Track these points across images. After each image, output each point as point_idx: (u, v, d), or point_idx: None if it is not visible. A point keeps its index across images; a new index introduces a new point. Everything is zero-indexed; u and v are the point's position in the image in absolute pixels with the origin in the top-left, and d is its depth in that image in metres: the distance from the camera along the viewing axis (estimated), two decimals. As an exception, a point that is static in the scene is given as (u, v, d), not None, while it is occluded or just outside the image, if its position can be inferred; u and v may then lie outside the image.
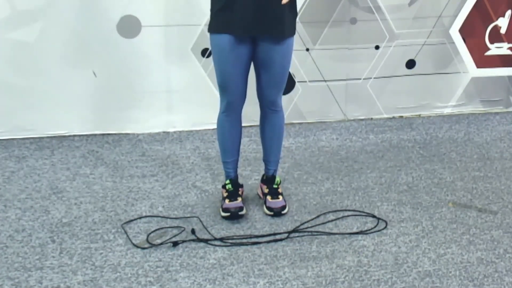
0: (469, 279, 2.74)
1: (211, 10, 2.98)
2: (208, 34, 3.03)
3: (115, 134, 4.13)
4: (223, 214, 3.15)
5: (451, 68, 4.49)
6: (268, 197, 3.24)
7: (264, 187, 3.30)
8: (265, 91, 3.06)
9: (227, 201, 3.17)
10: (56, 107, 4.03)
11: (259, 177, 3.56)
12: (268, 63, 2.97)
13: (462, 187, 3.55)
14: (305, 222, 3.14)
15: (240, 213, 3.12)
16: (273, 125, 3.18)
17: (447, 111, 4.59)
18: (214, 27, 2.96)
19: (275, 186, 3.27)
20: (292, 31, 2.97)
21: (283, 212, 3.20)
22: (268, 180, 3.29)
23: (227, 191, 3.22)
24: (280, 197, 3.24)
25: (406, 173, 3.70)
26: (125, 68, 4.04)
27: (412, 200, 3.39)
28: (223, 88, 3.03)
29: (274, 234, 3.03)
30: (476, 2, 4.33)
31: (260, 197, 3.36)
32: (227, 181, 3.23)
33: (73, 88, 4.02)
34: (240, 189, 3.27)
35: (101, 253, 2.87)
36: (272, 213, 3.19)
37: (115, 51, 3.99)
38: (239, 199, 3.19)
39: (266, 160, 3.29)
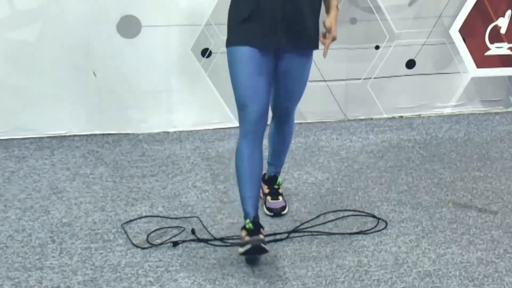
0: (469, 279, 2.74)
1: (230, 22, 2.78)
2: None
3: (115, 134, 4.13)
4: (242, 250, 2.69)
5: (451, 68, 4.49)
6: (268, 198, 3.22)
7: (265, 187, 3.27)
8: (282, 104, 2.96)
9: (246, 238, 2.71)
10: (56, 107, 4.03)
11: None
12: (289, 76, 2.84)
13: (462, 187, 3.55)
14: (305, 222, 3.14)
15: (262, 245, 2.66)
16: (283, 134, 3.12)
17: (447, 111, 4.59)
18: (235, 39, 2.73)
19: (276, 186, 3.25)
20: (316, 44, 2.82)
21: (283, 212, 3.19)
22: (270, 180, 3.26)
23: (246, 230, 2.74)
24: (280, 197, 3.23)
25: (406, 173, 3.70)
26: (125, 68, 4.04)
27: (412, 200, 3.39)
28: (245, 105, 2.72)
29: (274, 234, 3.03)
30: (476, 2, 4.32)
31: (260, 197, 3.32)
32: (247, 221, 2.76)
33: (73, 88, 4.02)
34: (261, 230, 2.77)
35: (101, 253, 2.87)
36: (272, 213, 3.18)
37: (115, 51, 3.99)
38: (261, 236, 2.72)
39: (271, 162, 3.25)
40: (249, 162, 2.77)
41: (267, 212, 3.19)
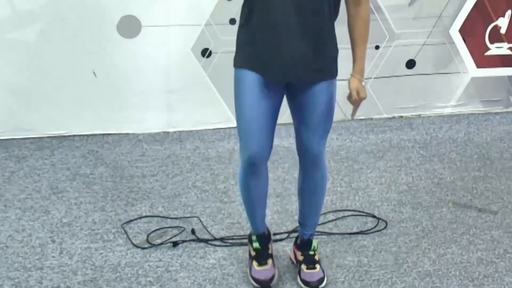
0: (469, 279, 2.74)
1: (239, 38, 2.46)
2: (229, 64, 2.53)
3: (115, 134, 4.13)
4: (253, 283, 2.68)
5: (451, 68, 4.49)
6: (303, 267, 2.70)
7: (298, 253, 2.75)
8: (307, 141, 2.53)
9: (255, 264, 2.67)
10: (56, 107, 4.03)
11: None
12: (311, 109, 2.47)
13: (462, 187, 3.55)
14: (305, 222, 3.13)
15: (271, 283, 2.66)
16: (315, 184, 2.64)
17: (447, 111, 4.59)
18: (241, 61, 2.44)
19: (311, 252, 2.73)
20: (335, 72, 2.50)
21: (320, 286, 2.68)
22: (303, 245, 2.75)
23: (254, 249, 2.71)
24: (318, 266, 2.71)
25: (406, 173, 3.70)
26: (125, 68, 4.04)
27: (412, 200, 3.39)
28: (246, 136, 2.46)
29: (274, 234, 3.03)
30: (476, 2, 4.32)
31: (293, 262, 2.84)
32: (254, 238, 2.71)
33: (73, 88, 4.02)
34: (269, 246, 2.74)
35: (101, 253, 2.87)
36: (308, 287, 2.68)
37: (115, 51, 3.99)
38: (269, 262, 2.68)
39: (302, 223, 2.75)
40: (255, 191, 2.62)
41: (302, 285, 2.68)
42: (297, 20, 2.32)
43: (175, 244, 2.94)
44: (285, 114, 2.61)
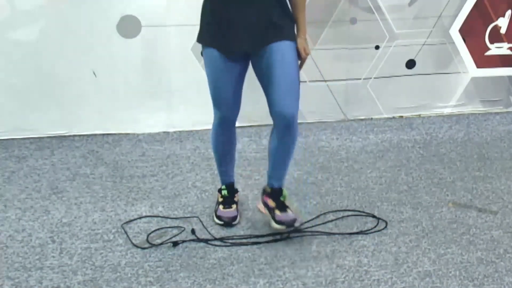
0: (469, 279, 2.74)
1: (201, 20, 2.84)
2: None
3: (115, 134, 4.13)
4: (217, 221, 3.11)
5: (451, 68, 4.49)
6: (277, 211, 2.97)
7: (270, 200, 3.02)
8: (279, 104, 2.77)
9: (221, 207, 3.12)
10: (56, 107, 4.04)
11: (259, 177, 3.56)
12: (270, 68, 2.75)
13: (462, 187, 3.55)
14: (305, 222, 3.13)
15: (233, 223, 3.08)
16: (287, 147, 2.92)
17: (447, 111, 4.59)
18: (204, 39, 2.83)
19: (282, 199, 3.02)
20: (291, 36, 2.80)
21: (295, 224, 2.96)
22: (274, 193, 3.03)
23: (222, 196, 3.17)
24: (289, 210, 2.99)
25: (406, 173, 3.70)
26: (125, 68, 4.04)
27: (412, 200, 3.39)
28: (215, 102, 2.93)
29: (274, 234, 3.03)
30: (476, 2, 4.33)
31: (262, 212, 3.13)
32: (223, 187, 3.19)
33: (73, 88, 4.02)
34: (235, 195, 3.20)
35: (101, 253, 2.87)
36: (284, 226, 2.94)
37: (115, 51, 3.99)
38: (234, 206, 3.14)
39: (273, 175, 3.03)
40: (224, 144, 3.07)
41: (277, 226, 2.95)
42: None
43: (175, 244, 2.93)
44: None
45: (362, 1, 4.20)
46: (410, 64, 4.43)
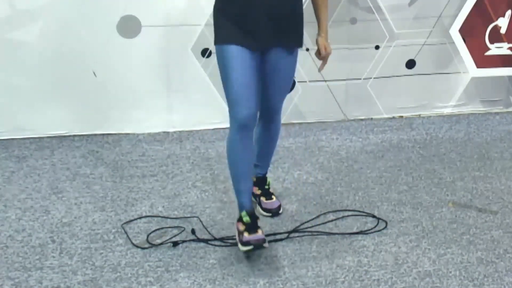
0: (469, 279, 2.74)
1: (217, 19, 2.82)
2: (210, 42, 2.89)
3: (115, 134, 4.13)
4: (243, 248, 2.75)
5: (451, 68, 4.49)
6: (263, 199, 3.23)
7: (256, 188, 3.25)
8: (270, 101, 2.95)
9: (246, 234, 2.77)
10: (56, 107, 4.03)
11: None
12: (276, 73, 2.88)
13: (462, 187, 3.55)
14: (305, 222, 3.14)
15: (264, 245, 2.76)
16: (270, 134, 3.11)
17: (447, 111, 4.59)
18: (223, 38, 2.78)
19: (266, 187, 3.26)
20: (301, 42, 2.91)
21: (280, 212, 3.22)
22: (259, 181, 3.25)
23: (244, 224, 2.82)
24: (274, 197, 3.25)
25: (406, 173, 3.70)
26: (125, 68, 4.04)
27: (412, 200, 3.39)
28: (237, 102, 2.74)
29: (274, 234, 3.03)
30: (476, 2, 4.33)
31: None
32: (243, 213, 2.84)
33: (73, 88, 4.02)
34: (257, 220, 2.87)
35: (101, 253, 2.87)
36: (270, 214, 3.19)
37: (115, 51, 3.99)
38: (260, 231, 2.79)
39: (257, 164, 3.20)
40: (243, 157, 2.85)
41: (264, 213, 3.19)
42: None
43: (175, 244, 2.93)
44: (284, 115, 2.62)
45: (362, 1, 4.20)
46: (410, 64, 4.43)
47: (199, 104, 4.18)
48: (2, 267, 2.76)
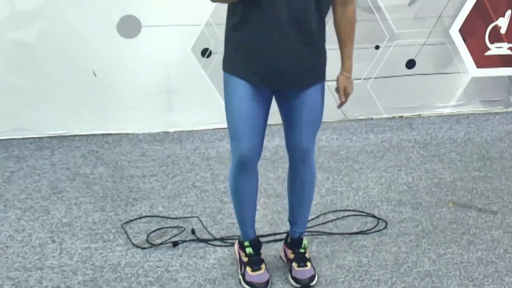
0: (469, 279, 2.74)
1: (227, 44, 2.47)
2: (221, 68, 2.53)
3: (115, 134, 4.13)
4: (246, 287, 2.66)
5: (451, 68, 4.49)
6: (294, 265, 2.71)
7: (289, 251, 2.76)
8: (296, 139, 2.55)
9: (249, 270, 2.66)
10: (56, 107, 4.03)
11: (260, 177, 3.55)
12: (299, 108, 2.51)
13: (462, 187, 3.55)
14: (305, 222, 3.14)
15: (268, 287, 2.65)
16: (303, 182, 2.65)
17: (447, 111, 4.59)
18: (229, 67, 2.46)
19: (301, 250, 2.74)
20: (322, 76, 2.57)
21: (311, 284, 2.69)
22: (294, 243, 2.75)
23: (246, 255, 2.70)
24: (308, 264, 2.71)
25: (406, 173, 3.70)
26: (125, 68, 4.04)
27: (412, 200, 3.39)
28: (236, 139, 2.49)
29: (274, 234, 3.03)
30: (476, 2, 4.32)
31: (283, 261, 2.84)
32: (246, 243, 2.71)
33: (73, 88, 4.02)
34: (261, 251, 2.74)
35: (101, 253, 2.87)
36: (299, 285, 2.68)
37: (115, 51, 3.99)
38: (263, 266, 2.68)
39: (293, 221, 2.75)
40: (245, 190, 2.64)
41: (294, 283, 2.69)
42: (289, 23, 2.33)
43: (175, 244, 2.93)
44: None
45: (362, 1, 4.20)
46: (410, 64, 4.43)
47: (199, 104, 4.17)
48: (2, 267, 2.76)
